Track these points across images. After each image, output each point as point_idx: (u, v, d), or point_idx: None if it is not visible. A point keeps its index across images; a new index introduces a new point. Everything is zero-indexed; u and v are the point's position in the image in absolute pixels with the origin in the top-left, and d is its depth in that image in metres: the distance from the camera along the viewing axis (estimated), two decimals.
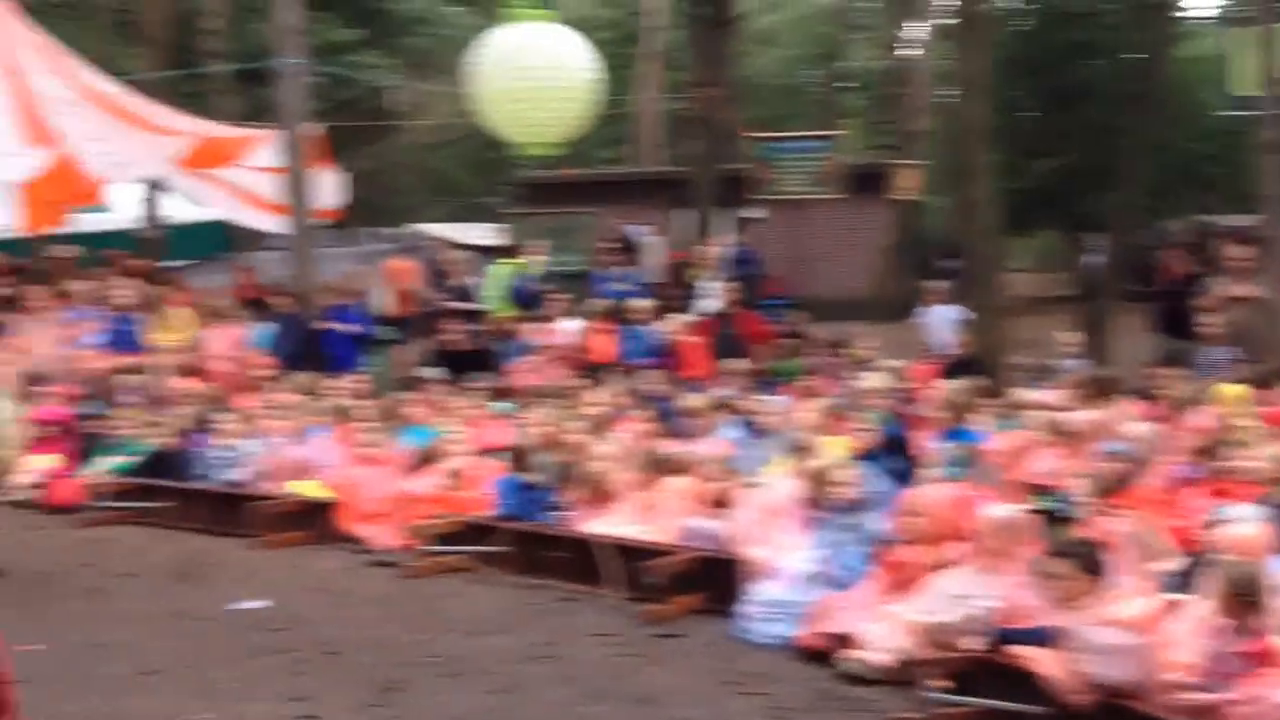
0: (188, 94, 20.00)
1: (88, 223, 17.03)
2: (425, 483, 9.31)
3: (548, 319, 13.53)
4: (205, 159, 14.75)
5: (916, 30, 33.02)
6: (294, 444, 10.44)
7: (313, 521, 9.43)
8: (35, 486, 10.63)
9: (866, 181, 21.96)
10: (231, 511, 9.72)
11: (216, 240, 19.78)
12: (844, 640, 6.44)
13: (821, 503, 7.41)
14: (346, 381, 11.85)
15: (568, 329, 13.35)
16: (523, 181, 23.32)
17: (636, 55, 30.46)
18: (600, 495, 8.60)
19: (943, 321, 13.69)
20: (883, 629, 6.32)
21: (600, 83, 12.77)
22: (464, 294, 14.37)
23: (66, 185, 14.26)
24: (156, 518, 9.91)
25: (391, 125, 26.53)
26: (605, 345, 13.01)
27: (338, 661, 6.71)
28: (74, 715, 5.84)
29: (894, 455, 8.66)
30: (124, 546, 9.32)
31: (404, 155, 27.55)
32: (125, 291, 14.01)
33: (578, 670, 6.55)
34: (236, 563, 8.85)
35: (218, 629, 7.33)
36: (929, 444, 8.83)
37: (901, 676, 6.05)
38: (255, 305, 14.49)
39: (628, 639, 7.05)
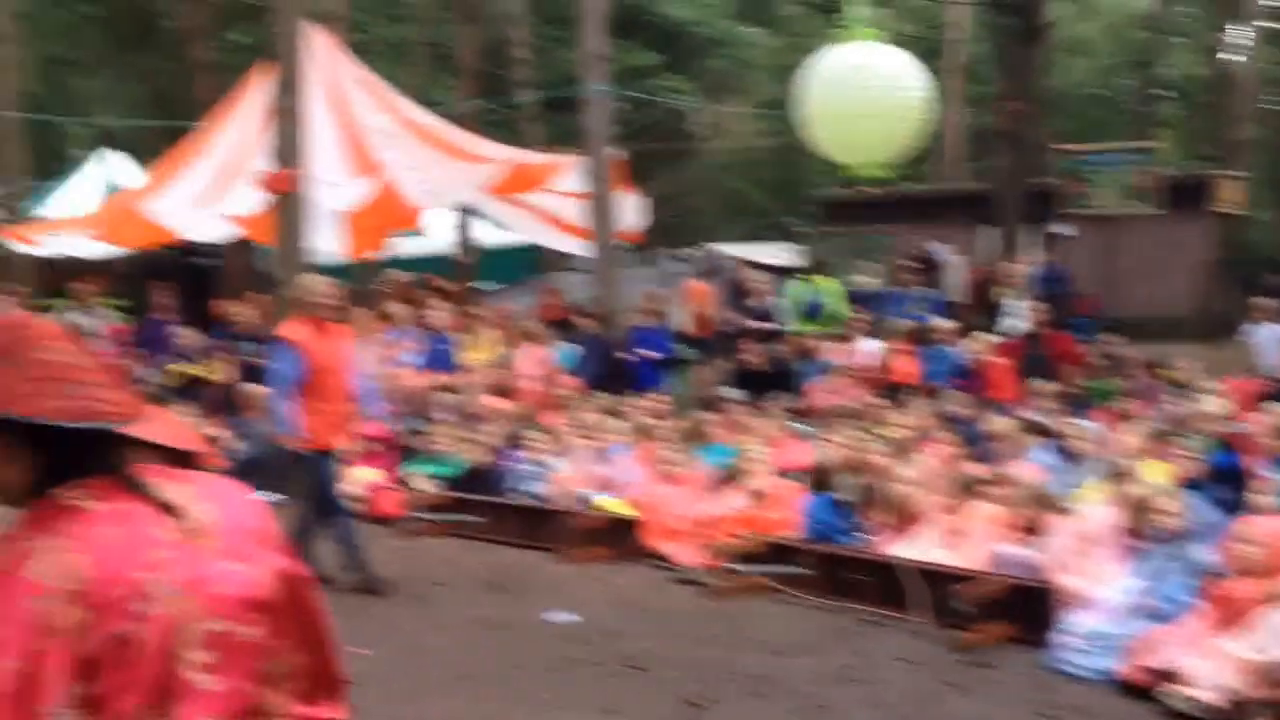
0: (497, 122, 20.76)
1: (405, 248, 17.87)
2: (728, 502, 9.34)
3: (848, 339, 13.40)
4: (514, 185, 15.24)
5: (1240, 34, 31.27)
6: (598, 461, 10.65)
7: (617, 538, 9.57)
8: (360, 499, 11.18)
9: (1186, 194, 20.88)
10: (539, 526, 10.00)
11: (524, 263, 20.44)
12: (1168, 676, 6.12)
13: (1142, 532, 7.07)
14: (648, 401, 12.02)
15: (868, 349, 13.18)
16: (821, 200, 23.22)
17: (939, 69, 29.91)
18: (905, 518, 8.44)
19: (1272, 341, 12.89)
20: (1210, 665, 5.97)
21: (932, 102, 12.57)
22: (763, 314, 14.38)
23: (387, 213, 15.00)
24: (470, 530, 10.28)
25: (690, 147, 26.83)
26: (907, 366, 12.78)
27: (644, 677, 6.79)
28: (400, 717, 6.09)
29: (1222, 483, 8.18)
30: (440, 557, 9.68)
31: (702, 176, 27.82)
32: (440, 313, 14.61)
33: (885, 695, 6.43)
34: (545, 575, 9.08)
35: (530, 639, 7.52)
36: (1260, 472, 8.31)
37: (1230, 715, 5.71)
38: (561, 326, 14.86)
39: (936, 665, 6.89)
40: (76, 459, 2.02)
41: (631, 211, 15.26)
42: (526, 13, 23.00)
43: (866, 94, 11.90)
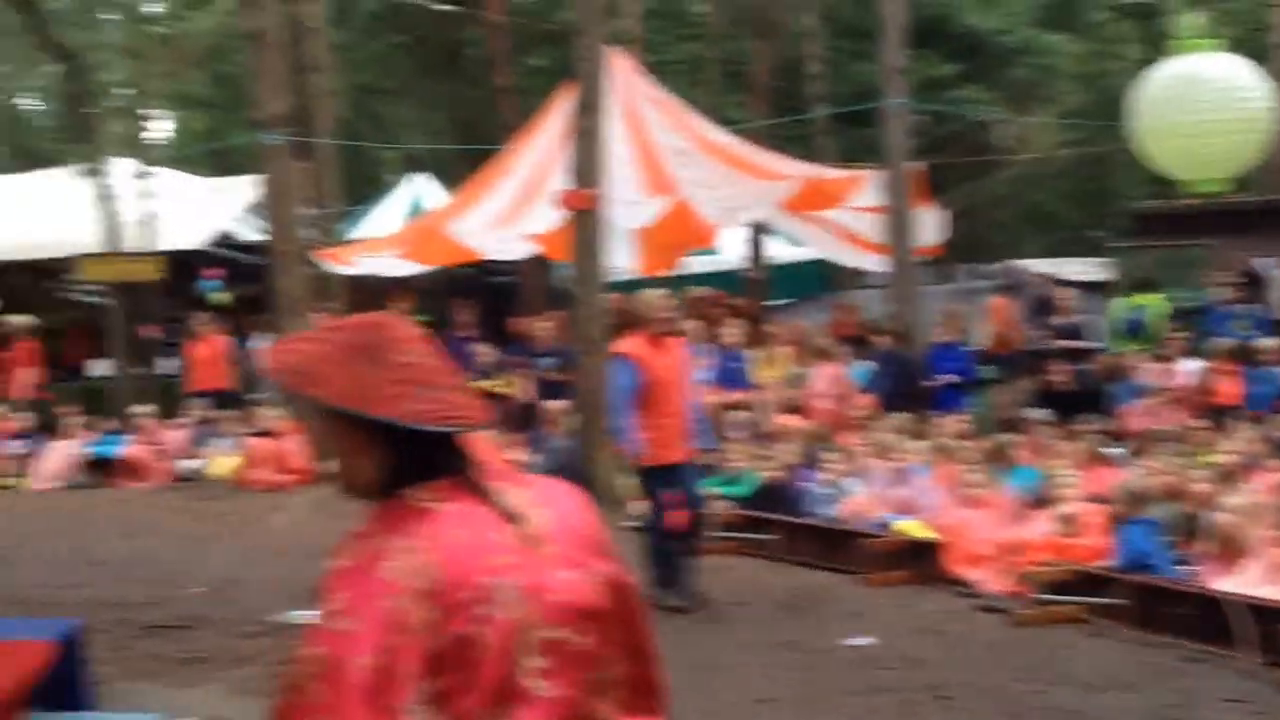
0: (791, 138, 20.64)
1: (697, 264, 17.95)
2: (1034, 527, 8.95)
3: (1166, 359, 12.69)
4: (809, 201, 15.11)
5: None
6: (896, 482, 10.38)
7: (917, 561, 9.31)
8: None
9: None
10: (836, 547, 9.81)
11: (816, 279, 20.26)
12: None
13: None
14: (948, 421, 11.67)
15: (1187, 369, 12.46)
16: (1132, 212, 22.17)
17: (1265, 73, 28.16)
18: (1230, 550, 7.87)
19: None
20: None
21: (1275, 111, 11.84)
22: (1071, 331, 13.78)
23: (682, 230, 15.09)
24: (764, 549, 10.16)
25: (991, 159, 26.08)
26: (1230, 387, 12.01)
27: (950, 706, 6.53)
28: None
29: None
30: (734, 575, 9.57)
31: (1003, 189, 26.99)
32: (732, 330, 14.57)
33: None
34: (843, 598, 8.89)
35: (828, 663, 7.35)
36: None
37: None
38: (856, 343, 14.62)
39: (1268, 709, 6.40)
40: (426, 460, 2.08)
41: (930, 226, 14.92)
42: (820, 27, 22.82)
43: (1207, 107, 11.25)
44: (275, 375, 2.10)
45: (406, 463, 2.07)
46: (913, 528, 9.61)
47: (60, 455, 15.10)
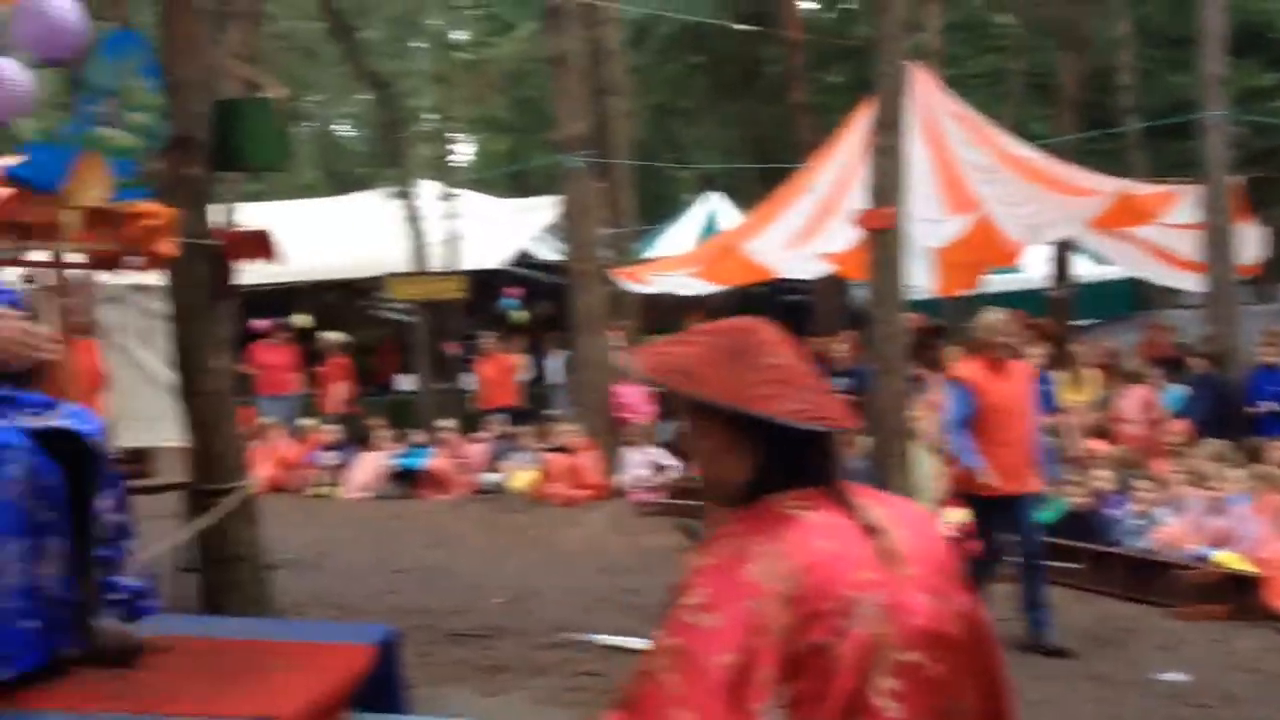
0: (1099, 152, 19.87)
1: (997, 283, 17.46)
2: None
3: None
4: (1120, 218, 14.46)
5: None
6: (1213, 513, 9.82)
7: (1234, 595, 8.85)
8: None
9: None
10: (1146, 578, 9.40)
11: (1123, 298, 19.44)
12: None
13: None
14: (1272, 448, 10.96)
15: None
16: None
17: None
18: None
19: None
20: None
21: None
22: None
23: (983, 249, 14.69)
24: (1070, 578, 9.75)
25: None
26: None
27: None
28: None
29: None
30: None
31: None
32: (1036, 351, 14.07)
33: None
34: (1153, 631, 8.51)
35: (1137, 697, 7.04)
36: None
37: None
38: (1169, 365, 13.93)
39: None
40: (795, 463, 2.11)
41: (1251, 243, 14.08)
42: (1132, 36, 21.86)
43: None
44: (654, 375, 2.16)
45: (776, 464, 2.10)
46: (1231, 560, 9.10)
47: (369, 466, 15.84)
